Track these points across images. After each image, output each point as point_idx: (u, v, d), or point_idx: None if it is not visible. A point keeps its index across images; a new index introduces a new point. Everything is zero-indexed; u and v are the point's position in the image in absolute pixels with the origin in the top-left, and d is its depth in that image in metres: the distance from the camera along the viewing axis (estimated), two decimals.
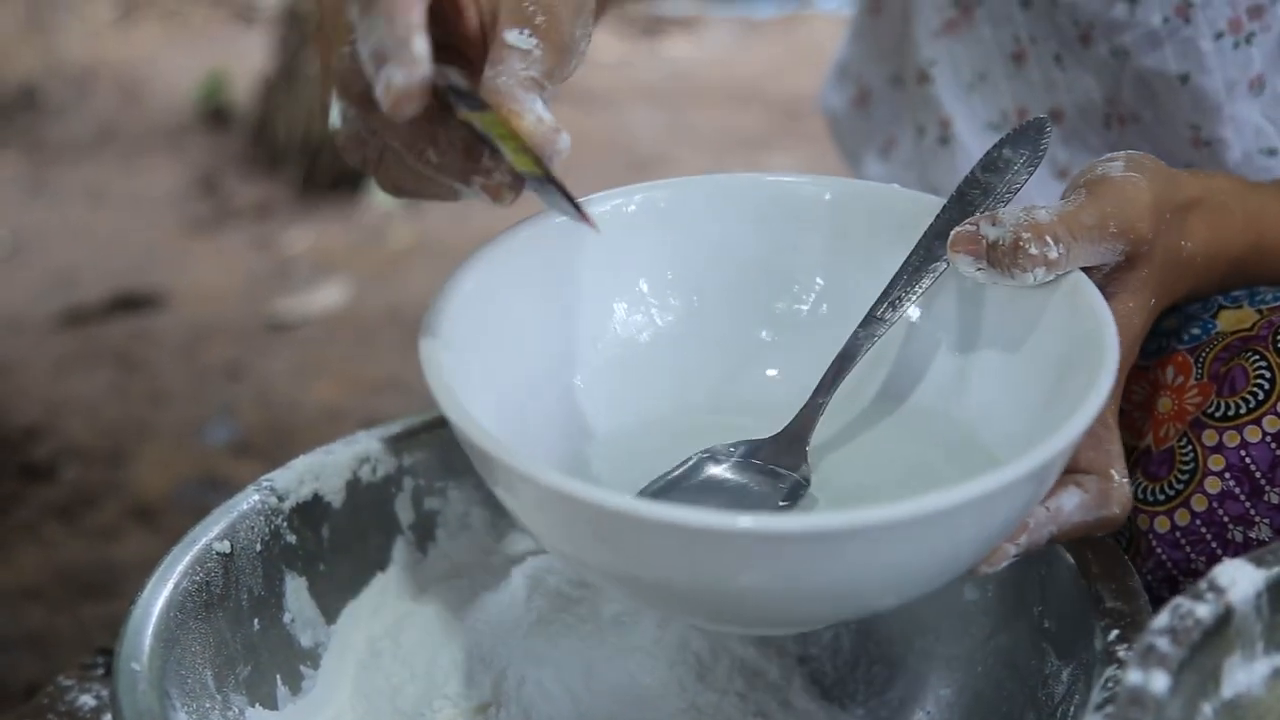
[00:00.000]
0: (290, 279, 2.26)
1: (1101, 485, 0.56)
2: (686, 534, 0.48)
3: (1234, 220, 0.63)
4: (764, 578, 0.49)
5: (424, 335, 0.57)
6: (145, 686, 0.57)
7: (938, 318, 0.63)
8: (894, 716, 0.68)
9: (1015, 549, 0.55)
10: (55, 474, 1.74)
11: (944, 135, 0.83)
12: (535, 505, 0.52)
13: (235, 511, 0.67)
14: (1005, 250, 0.57)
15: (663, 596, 0.53)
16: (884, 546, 0.49)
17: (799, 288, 0.66)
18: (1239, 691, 0.50)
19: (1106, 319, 0.55)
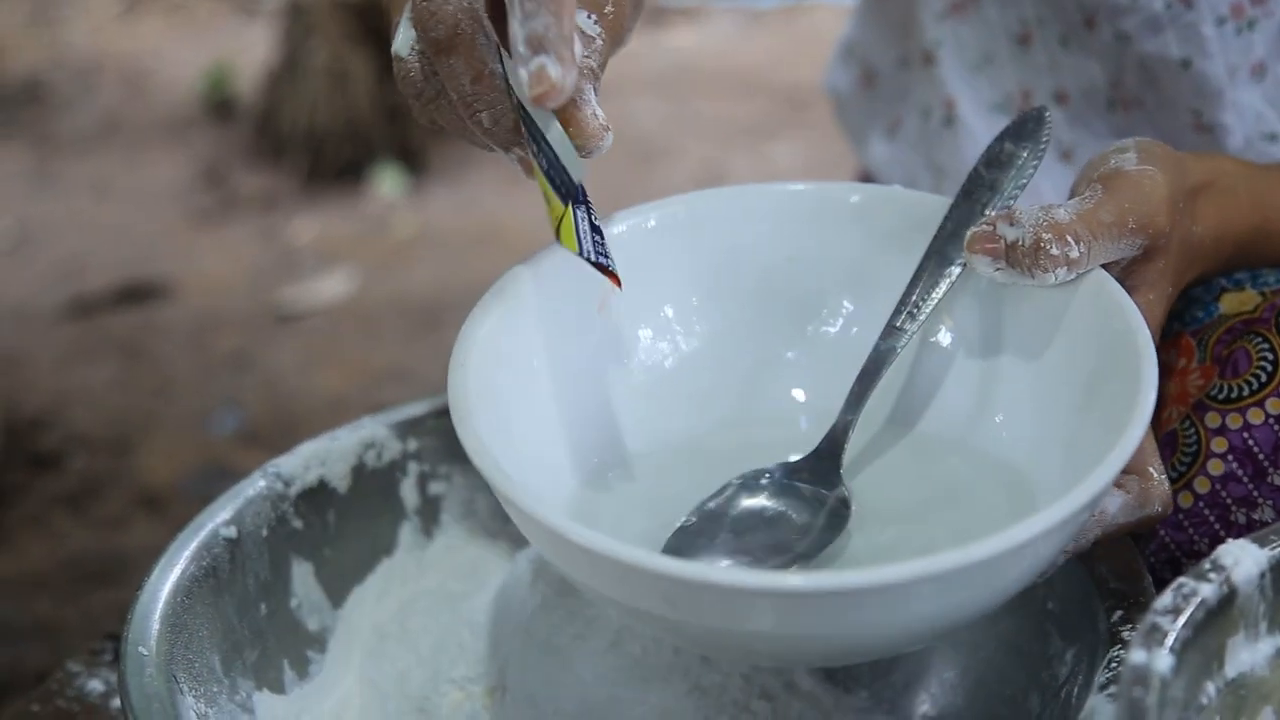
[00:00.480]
0: (295, 269, 2.26)
1: (1143, 485, 0.56)
2: (744, 595, 0.48)
3: (1240, 202, 0.63)
4: (819, 629, 0.49)
5: (453, 389, 0.56)
6: (153, 671, 0.57)
7: (958, 325, 0.63)
8: (897, 699, 0.68)
9: (1062, 557, 0.55)
10: (62, 464, 1.75)
11: (948, 116, 0.83)
12: (595, 574, 0.51)
13: (241, 497, 0.67)
14: (1026, 251, 0.56)
15: (706, 644, 0.54)
16: (948, 589, 0.49)
17: (827, 311, 0.65)
18: (1242, 671, 0.50)
19: (1136, 318, 0.55)
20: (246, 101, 2.76)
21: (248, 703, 0.63)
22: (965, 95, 0.82)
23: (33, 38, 3.03)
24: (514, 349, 0.60)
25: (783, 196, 0.66)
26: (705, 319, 0.66)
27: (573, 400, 0.62)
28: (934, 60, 0.83)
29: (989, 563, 0.48)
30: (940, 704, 0.67)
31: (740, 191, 0.66)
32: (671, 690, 0.64)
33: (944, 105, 0.83)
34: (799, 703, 0.66)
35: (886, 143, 0.89)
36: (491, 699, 0.65)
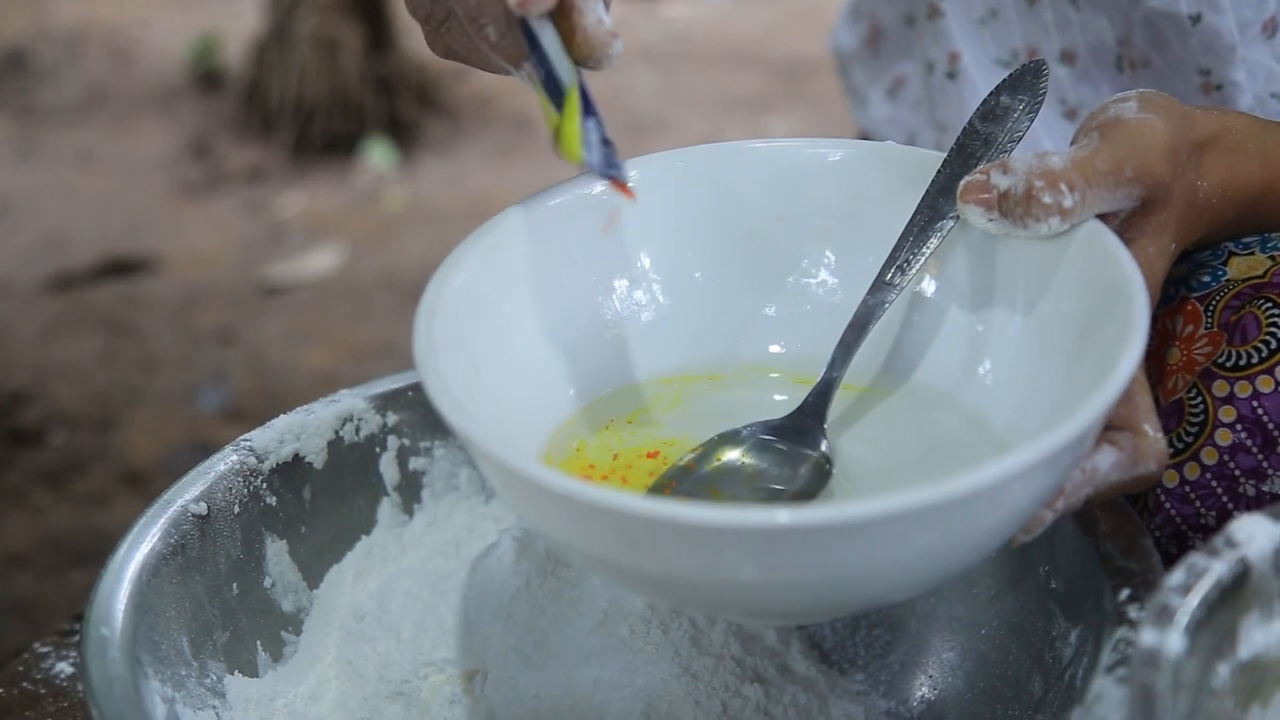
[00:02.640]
0: (283, 243, 2.23)
1: (1136, 442, 0.54)
2: (710, 533, 0.45)
3: (1249, 159, 0.61)
4: (795, 571, 0.47)
5: (419, 328, 0.54)
6: (115, 653, 0.55)
7: (949, 280, 0.61)
8: (895, 681, 0.66)
9: (1052, 514, 0.52)
10: (44, 440, 1.73)
11: (952, 70, 0.82)
12: (554, 515, 0.49)
13: (212, 472, 0.65)
14: (1018, 199, 0.55)
15: (678, 592, 0.51)
16: (928, 527, 0.46)
17: (807, 262, 0.64)
18: (1256, 652, 0.48)
19: (1130, 267, 0.53)
20: (234, 72, 2.73)
21: (218, 686, 0.61)
22: (970, 49, 0.80)
23: (17, 7, 2.99)
24: (485, 297, 0.58)
25: (774, 153, 0.64)
26: (688, 273, 0.64)
27: (546, 350, 0.60)
28: (940, 13, 0.81)
29: (963, 502, 0.45)
30: (939, 686, 0.65)
31: (733, 148, 0.64)
32: (660, 673, 0.62)
33: (948, 58, 0.82)
34: (793, 686, 0.64)
35: (888, 103, 0.88)
36: (472, 682, 0.63)
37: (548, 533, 0.51)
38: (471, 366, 0.55)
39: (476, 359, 0.56)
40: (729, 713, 0.62)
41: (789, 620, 0.57)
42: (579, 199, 0.61)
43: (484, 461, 0.51)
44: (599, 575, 0.56)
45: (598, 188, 0.61)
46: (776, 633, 0.66)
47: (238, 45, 2.73)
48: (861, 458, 0.58)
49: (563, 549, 0.52)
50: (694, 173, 0.63)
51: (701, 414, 0.60)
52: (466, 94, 2.70)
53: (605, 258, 0.62)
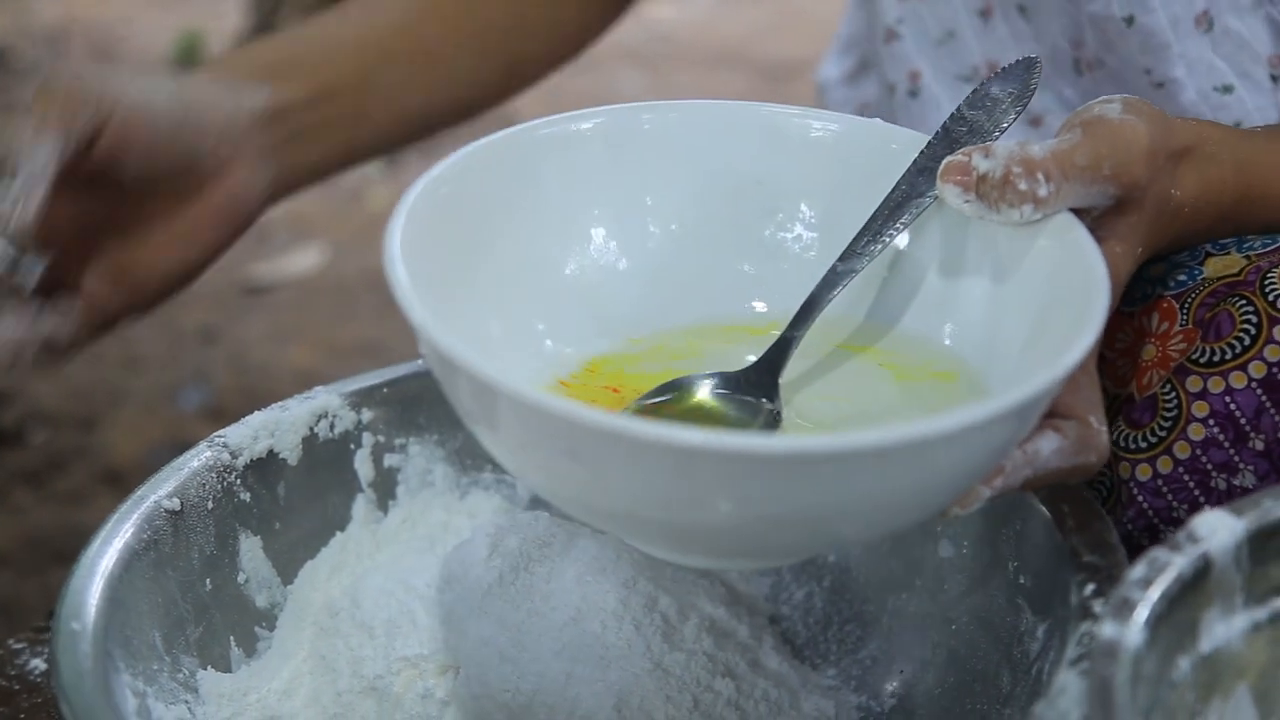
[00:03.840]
0: (266, 242, 2.23)
1: (1080, 431, 0.55)
2: (657, 450, 0.46)
3: (1224, 171, 0.62)
4: (731, 500, 0.47)
5: (389, 244, 0.54)
6: (86, 647, 0.55)
7: (921, 253, 0.61)
8: (866, 675, 0.67)
9: (989, 491, 0.53)
10: (24, 439, 1.72)
11: (913, 88, 0.83)
12: (509, 424, 0.50)
13: (185, 468, 0.65)
14: (995, 183, 0.55)
15: (623, 517, 0.52)
16: (861, 474, 0.47)
17: (783, 215, 0.64)
18: (1217, 646, 0.49)
19: (1096, 258, 0.54)
20: None
21: (191, 681, 0.61)
22: (929, 67, 0.82)
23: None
24: (458, 230, 0.58)
25: (763, 117, 0.64)
26: (666, 226, 0.64)
27: (519, 290, 0.60)
28: (897, 36, 0.83)
29: (893, 452, 0.46)
30: (910, 681, 0.66)
31: (724, 107, 0.64)
32: (632, 668, 0.63)
33: (909, 77, 0.83)
34: (764, 681, 0.64)
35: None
36: (445, 677, 0.63)
37: (484, 433, 0.52)
38: (439, 288, 0.54)
39: (450, 293, 0.55)
40: (700, 707, 0.62)
41: (719, 558, 0.57)
42: (565, 133, 0.62)
43: (429, 353, 0.50)
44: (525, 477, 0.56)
45: (586, 125, 0.62)
46: (749, 628, 0.67)
47: (221, 44, 2.73)
48: (820, 412, 0.59)
49: (493, 447, 0.53)
50: (680, 124, 0.64)
51: (671, 362, 0.61)
52: None
53: (581, 201, 0.62)
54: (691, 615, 0.65)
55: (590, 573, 0.65)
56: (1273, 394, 0.60)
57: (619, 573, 0.65)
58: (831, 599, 0.70)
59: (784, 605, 0.70)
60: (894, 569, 0.68)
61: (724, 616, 0.67)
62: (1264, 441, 0.60)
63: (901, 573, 0.68)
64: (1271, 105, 0.72)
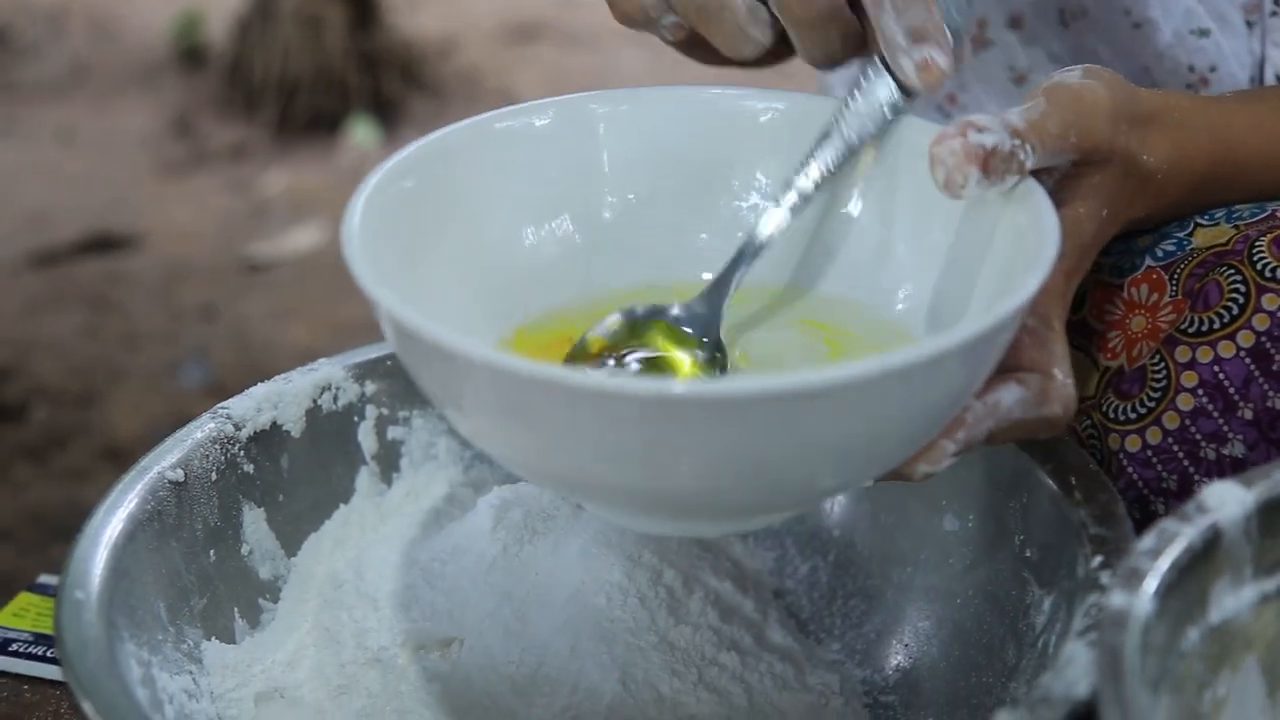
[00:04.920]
0: (266, 220, 2.23)
1: (1043, 383, 0.54)
2: (587, 397, 0.46)
3: (1197, 135, 0.62)
4: (679, 449, 0.47)
5: (347, 224, 0.55)
6: (90, 616, 0.55)
7: (877, 212, 0.62)
8: (871, 650, 0.67)
9: (953, 445, 0.53)
10: (25, 415, 1.72)
11: None
12: (429, 368, 0.51)
13: (189, 439, 0.65)
14: (1003, 156, 0.55)
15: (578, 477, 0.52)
16: (800, 417, 0.46)
17: (739, 185, 0.64)
18: (1226, 617, 0.48)
19: (1048, 209, 0.54)
20: (217, 49, 2.72)
21: (195, 651, 0.61)
22: None
23: None
24: (415, 214, 0.59)
25: (713, 100, 0.65)
26: (624, 198, 0.64)
27: (476, 263, 0.61)
28: None
29: (848, 389, 0.46)
30: (915, 655, 0.65)
31: (675, 94, 0.65)
32: (637, 642, 0.62)
33: None
34: (769, 655, 0.64)
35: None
36: (449, 650, 0.63)
37: (440, 402, 0.53)
38: (397, 266, 0.55)
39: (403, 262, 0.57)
40: (705, 681, 0.62)
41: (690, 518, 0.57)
42: (521, 126, 0.63)
43: (370, 300, 0.51)
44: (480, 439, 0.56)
45: (541, 118, 0.63)
46: (754, 603, 0.67)
47: (221, 22, 2.72)
48: (765, 360, 0.59)
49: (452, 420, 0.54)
50: (632, 113, 0.64)
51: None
52: (451, 72, 2.69)
53: (536, 185, 0.63)
54: (697, 589, 0.65)
55: (595, 546, 0.65)
56: (1261, 363, 0.60)
57: (624, 546, 0.65)
58: (836, 573, 0.70)
59: (789, 580, 0.70)
60: (899, 543, 0.68)
61: (729, 591, 0.66)
62: (1253, 410, 0.60)
63: (906, 547, 0.68)
64: (1246, 51, 0.72)
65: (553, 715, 0.60)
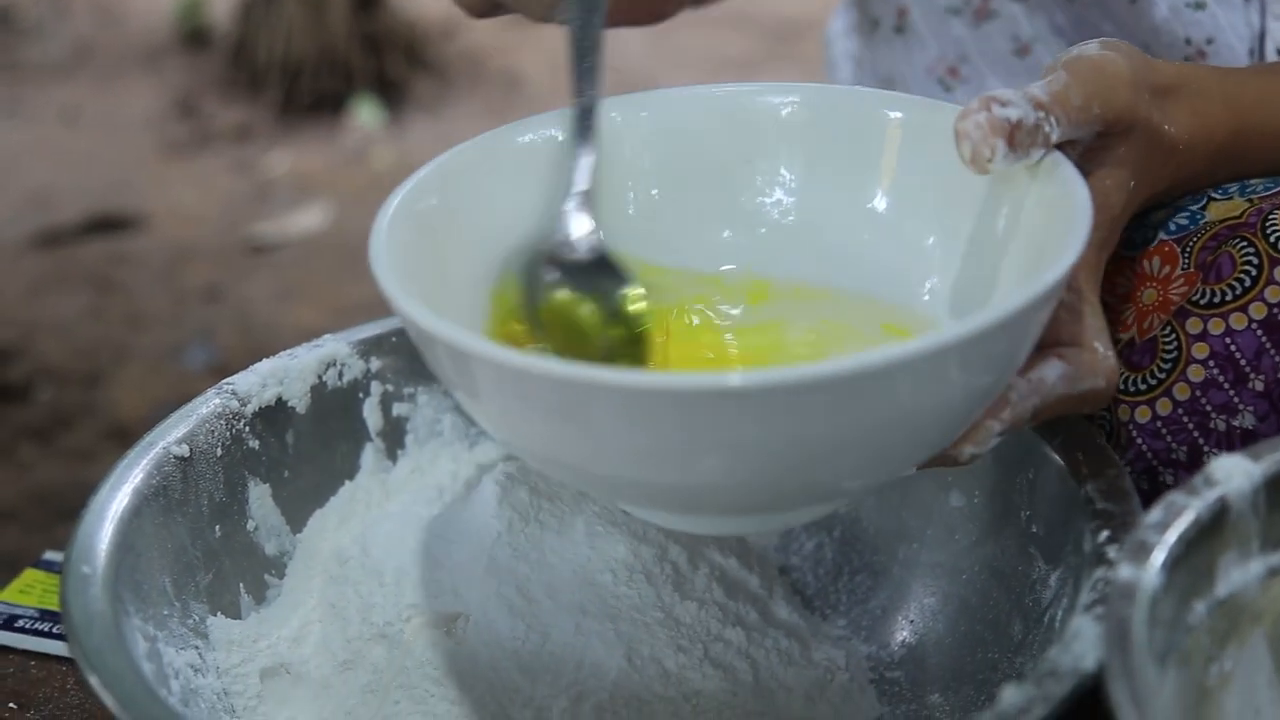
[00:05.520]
0: (270, 201, 2.22)
1: (1085, 357, 0.54)
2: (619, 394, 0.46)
3: (1214, 106, 0.62)
4: (722, 442, 0.47)
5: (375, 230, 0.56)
6: (96, 590, 0.55)
7: (907, 204, 0.61)
8: (876, 626, 0.67)
9: (999, 425, 0.53)
10: (30, 395, 1.72)
11: (899, 24, 0.83)
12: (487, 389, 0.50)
13: (194, 415, 0.65)
14: (1029, 129, 0.55)
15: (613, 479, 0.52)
16: (855, 400, 0.46)
17: (761, 179, 0.64)
18: (1233, 591, 0.48)
19: (1079, 184, 0.54)
20: (220, 30, 2.71)
21: (200, 626, 0.61)
22: (916, 2, 0.81)
23: None
24: (445, 212, 0.59)
25: (728, 98, 0.65)
26: (647, 193, 0.64)
27: (494, 256, 0.61)
28: None
29: (886, 373, 0.45)
30: (920, 631, 0.65)
31: (690, 95, 0.65)
32: (643, 619, 0.62)
33: (896, 13, 0.83)
34: (775, 630, 0.64)
35: (848, 64, 0.89)
36: (454, 626, 0.63)
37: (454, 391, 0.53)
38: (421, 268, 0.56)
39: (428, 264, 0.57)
40: (710, 656, 0.62)
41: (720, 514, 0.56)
42: (543, 137, 0.63)
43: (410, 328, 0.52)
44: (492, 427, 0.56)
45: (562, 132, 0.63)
46: (759, 579, 0.67)
47: (224, 3, 2.71)
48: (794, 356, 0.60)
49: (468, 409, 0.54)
50: (651, 118, 0.65)
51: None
52: (456, 53, 2.68)
53: (559, 191, 0.62)
54: (702, 565, 0.65)
55: (600, 523, 0.65)
56: (1273, 335, 0.60)
57: (629, 524, 0.65)
58: (842, 549, 0.70)
59: (794, 556, 0.70)
60: (905, 519, 0.68)
61: (734, 567, 0.66)
62: (1264, 382, 0.60)
63: (912, 523, 0.67)
64: (1244, 23, 0.72)
65: (558, 691, 0.60)
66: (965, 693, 0.61)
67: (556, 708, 0.59)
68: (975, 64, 0.81)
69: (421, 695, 0.60)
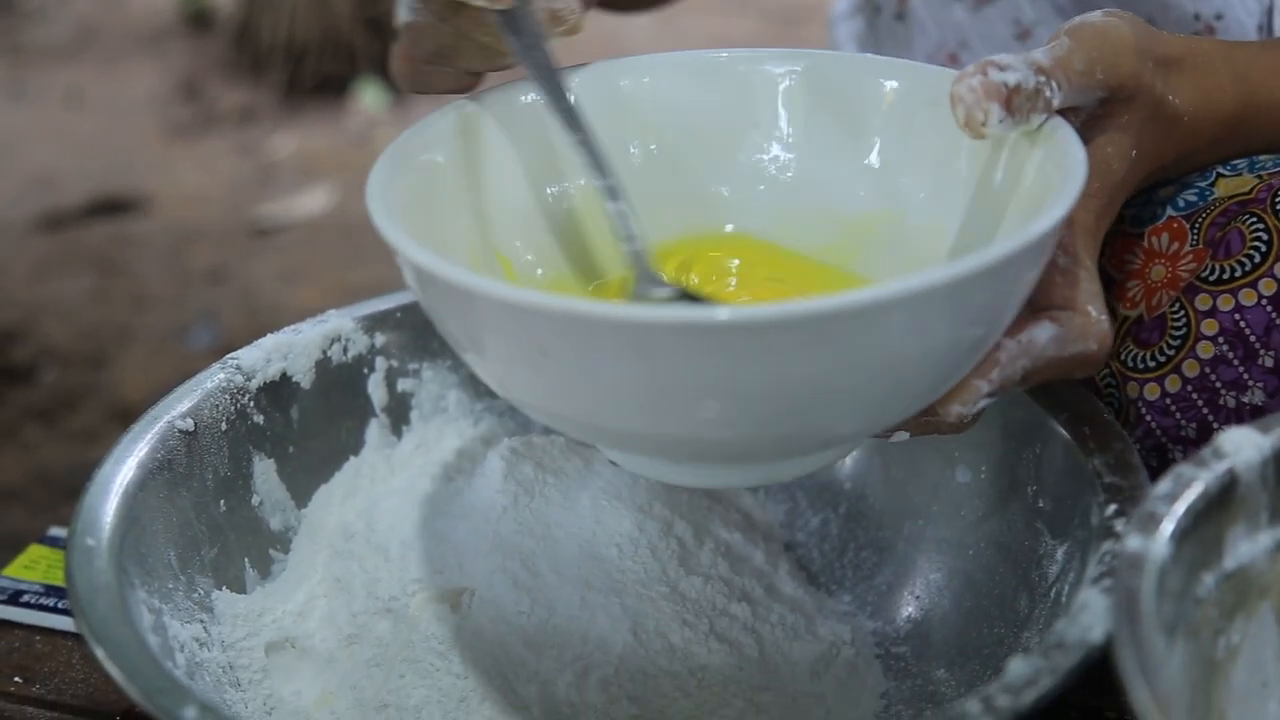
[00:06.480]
0: (274, 184, 2.22)
1: (1078, 320, 0.54)
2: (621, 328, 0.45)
3: (1220, 79, 0.61)
4: (710, 380, 0.47)
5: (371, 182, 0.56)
6: (102, 562, 0.55)
7: (903, 165, 0.61)
8: (882, 602, 0.66)
9: (987, 385, 0.52)
10: (35, 377, 1.72)
11: (900, 11, 0.82)
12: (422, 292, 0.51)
13: (199, 389, 0.64)
14: (1028, 94, 0.54)
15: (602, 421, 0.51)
16: (832, 342, 0.46)
17: (760, 137, 0.64)
18: (1242, 563, 0.48)
19: (1075, 144, 0.53)
20: (224, 12, 2.71)
21: (206, 601, 0.61)
22: None
23: None
24: (437, 175, 0.59)
25: (731, 63, 0.65)
26: (646, 148, 0.64)
27: (498, 217, 0.61)
28: None
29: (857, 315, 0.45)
30: (926, 606, 0.65)
31: (693, 60, 0.65)
32: (648, 593, 0.62)
33: (896, 0, 0.83)
34: (780, 605, 0.64)
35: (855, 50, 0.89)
36: (460, 601, 0.63)
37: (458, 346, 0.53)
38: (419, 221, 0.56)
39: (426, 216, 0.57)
40: (716, 631, 0.62)
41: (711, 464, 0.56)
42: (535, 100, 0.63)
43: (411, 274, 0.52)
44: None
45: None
46: (764, 554, 0.66)
47: None
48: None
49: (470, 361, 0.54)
50: (653, 84, 0.65)
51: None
52: None
53: (559, 151, 0.63)
54: (707, 540, 0.65)
55: (605, 497, 0.65)
56: None
57: (634, 498, 0.65)
58: (847, 525, 0.69)
59: (799, 532, 0.70)
60: (910, 496, 0.68)
61: (740, 542, 0.66)
62: (1273, 358, 0.60)
63: (918, 499, 0.67)
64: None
65: (563, 665, 0.60)
66: (971, 667, 0.61)
67: (562, 681, 0.59)
68: (976, 50, 0.80)
69: (427, 669, 0.60)
